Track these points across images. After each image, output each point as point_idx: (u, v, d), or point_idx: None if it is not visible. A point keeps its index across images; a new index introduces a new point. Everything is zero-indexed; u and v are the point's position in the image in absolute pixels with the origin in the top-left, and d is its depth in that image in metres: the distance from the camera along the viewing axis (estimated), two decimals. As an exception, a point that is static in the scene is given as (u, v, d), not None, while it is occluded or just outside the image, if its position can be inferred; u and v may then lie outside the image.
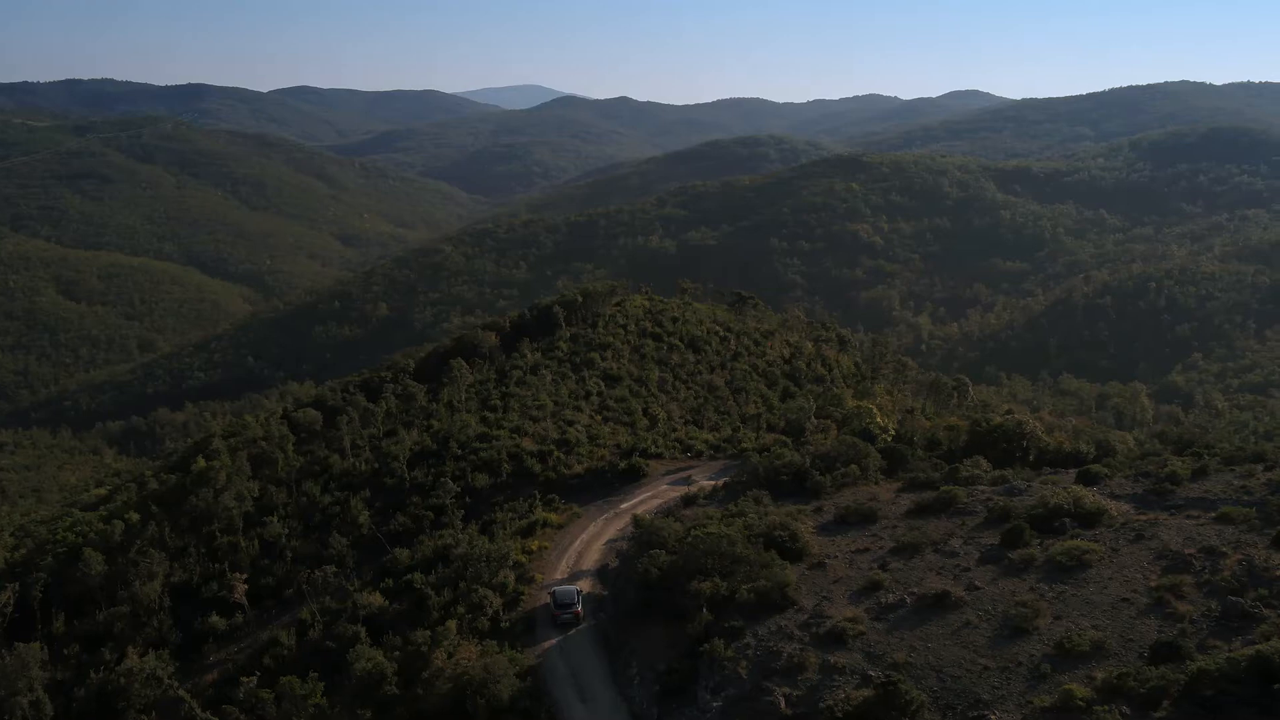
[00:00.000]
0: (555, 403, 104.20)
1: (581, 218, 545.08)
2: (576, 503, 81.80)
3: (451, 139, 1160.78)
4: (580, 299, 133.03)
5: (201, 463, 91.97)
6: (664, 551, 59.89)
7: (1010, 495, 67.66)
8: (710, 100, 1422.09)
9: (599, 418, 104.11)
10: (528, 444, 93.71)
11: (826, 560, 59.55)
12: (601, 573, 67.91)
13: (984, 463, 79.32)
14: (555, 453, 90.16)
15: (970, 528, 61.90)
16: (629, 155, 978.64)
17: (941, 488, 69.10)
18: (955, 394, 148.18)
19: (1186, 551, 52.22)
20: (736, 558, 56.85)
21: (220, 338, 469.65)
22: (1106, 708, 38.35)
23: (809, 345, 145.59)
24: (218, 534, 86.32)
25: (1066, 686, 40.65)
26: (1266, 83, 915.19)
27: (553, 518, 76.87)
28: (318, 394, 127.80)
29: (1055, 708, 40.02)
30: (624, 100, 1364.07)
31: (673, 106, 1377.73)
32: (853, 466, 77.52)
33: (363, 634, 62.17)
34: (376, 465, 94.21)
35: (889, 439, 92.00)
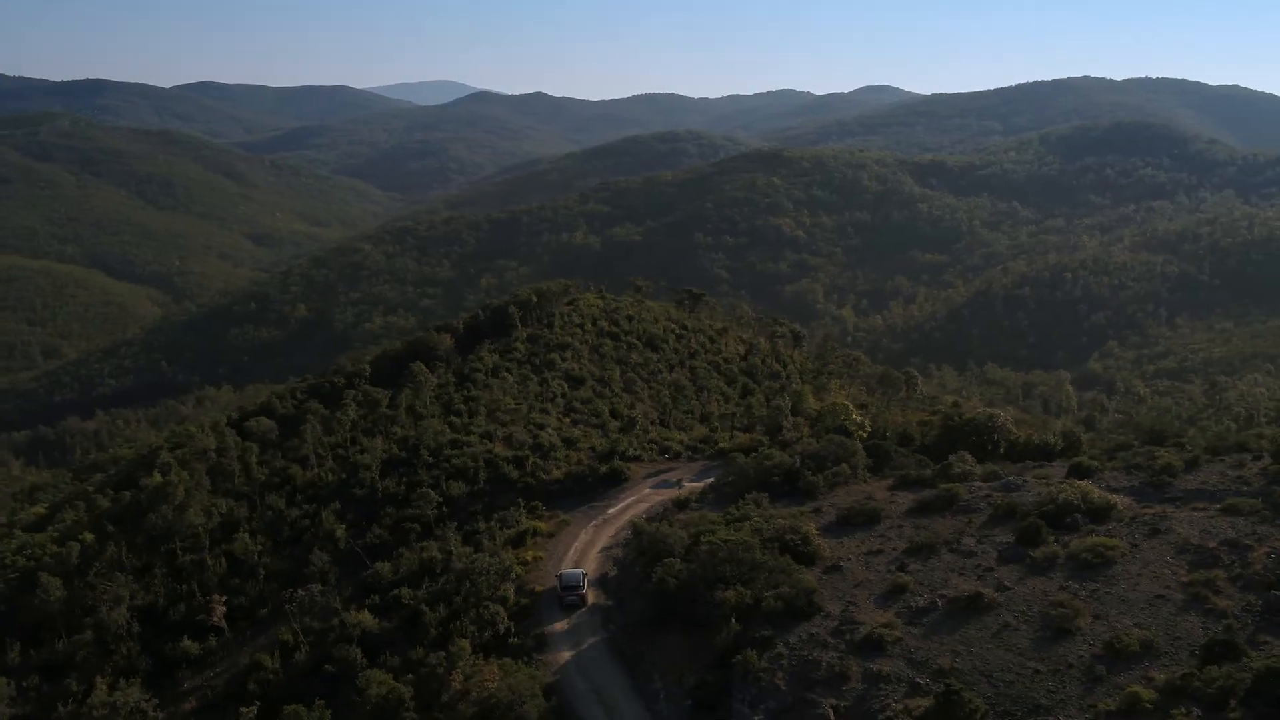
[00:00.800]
0: (521, 406, 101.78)
1: (504, 215, 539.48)
2: (561, 509, 79.77)
3: (364, 136, 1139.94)
4: (535, 299, 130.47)
5: (158, 478, 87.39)
6: (678, 560, 58.33)
7: (1009, 491, 67.63)
8: (626, 96, 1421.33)
9: (567, 420, 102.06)
10: (500, 449, 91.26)
11: (841, 563, 58.59)
12: (603, 582, 66.00)
13: (969, 458, 79.19)
14: (531, 458, 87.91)
15: (978, 525, 61.56)
16: (546, 151, 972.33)
17: (941, 485, 68.80)
18: (905, 387, 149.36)
19: (1209, 545, 52.50)
20: (755, 564, 55.55)
21: (130, 342, 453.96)
22: (1182, 710, 37.93)
23: (763, 341, 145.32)
24: (179, 552, 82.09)
25: (1130, 689, 40.21)
26: (1163, 78, 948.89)
27: (541, 526, 74.73)
28: (265, 401, 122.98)
29: (1121, 711, 39.55)
30: (539, 96, 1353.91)
31: (588, 102, 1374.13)
32: (843, 465, 76.90)
33: (359, 656, 59.32)
34: (344, 475, 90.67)
35: (865, 435, 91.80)
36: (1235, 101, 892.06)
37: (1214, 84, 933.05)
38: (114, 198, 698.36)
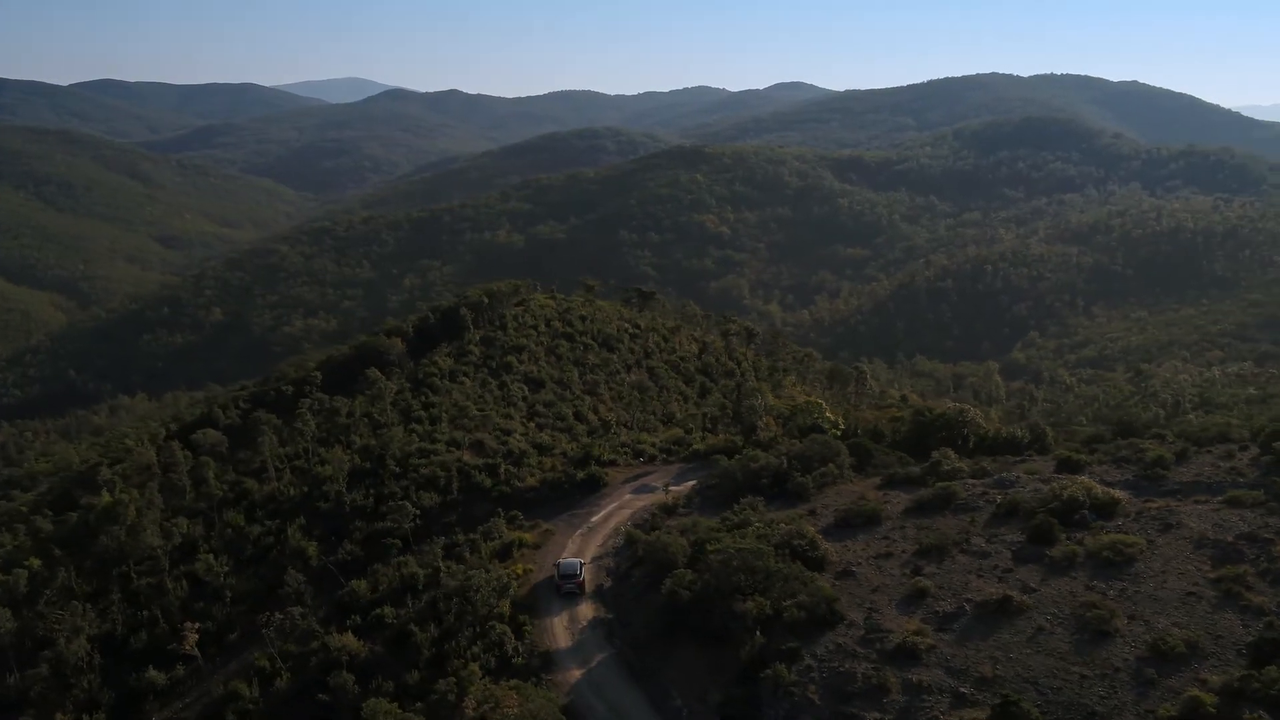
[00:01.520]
0: (489, 411, 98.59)
1: (424, 214, 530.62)
2: (541, 518, 76.94)
3: (274, 134, 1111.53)
4: (485, 299, 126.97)
5: (106, 497, 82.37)
6: (688, 570, 56.35)
7: (1004, 488, 67.10)
8: (542, 93, 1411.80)
9: (532, 424, 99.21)
10: (469, 457, 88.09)
11: (853, 568, 57.24)
12: (600, 594, 63.55)
13: (952, 454, 78.68)
14: (504, 465, 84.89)
15: (983, 524, 60.75)
16: (464, 149, 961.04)
17: (936, 484, 67.92)
18: (855, 383, 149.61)
19: (1228, 539, 52.35)
20: (770, 573, 53.87)
21: (35, 350, 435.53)
22: (1250, 714, 37.21)
23: (715, 339, 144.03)
24: (134, 576, 77.34)
25: (1189, 693, 39.45)
26: (1067, 74, 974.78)
27: (526, 537, 71.88)
28: (207, 412, 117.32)
29: (1183, 717, 38.70)
30: (454, 93, 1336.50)
31: (504, 99, 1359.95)
32: (830, 465, 75.70)
33: (352, 683, 56.11)
34: (306, 489, 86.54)
35: (839, 434, 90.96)
36: (1135, 97, 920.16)
37: (1115, 80, 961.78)
38: (11, 200, 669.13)
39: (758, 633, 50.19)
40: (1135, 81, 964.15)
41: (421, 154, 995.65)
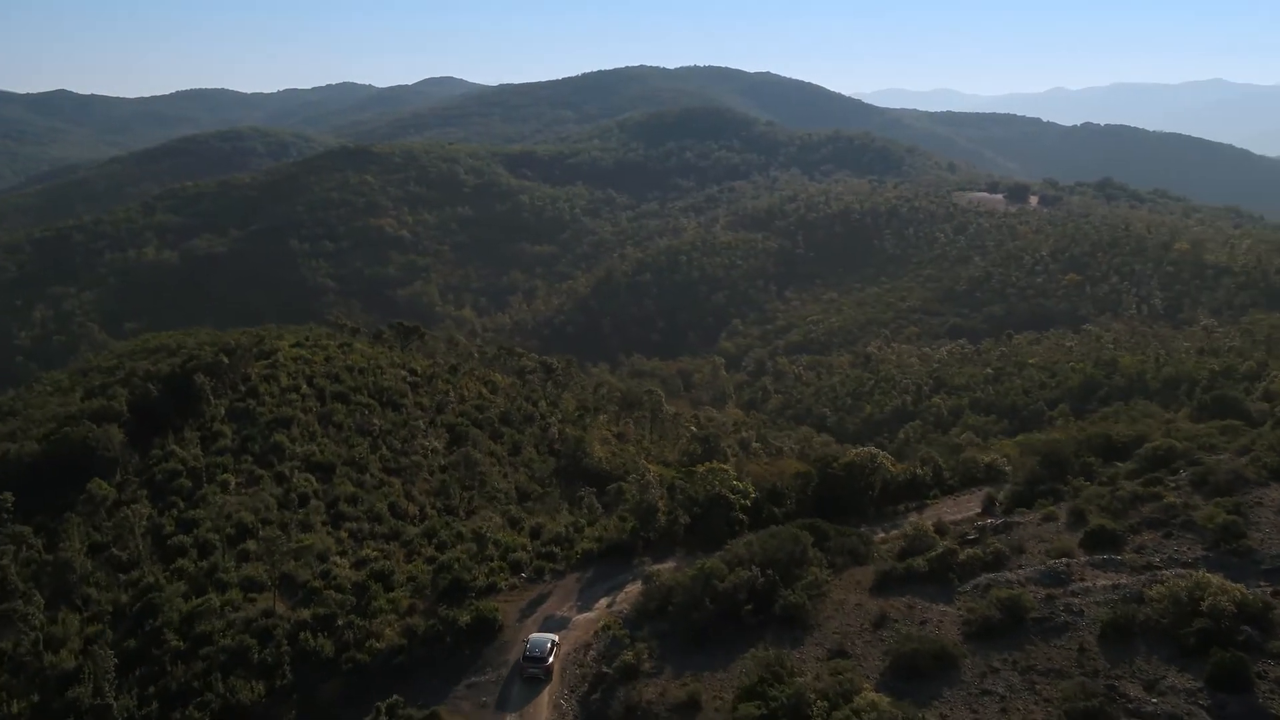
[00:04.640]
0: (301, 542, 71.15)
1: (49, 233, 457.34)
2: (432, 701, 53.12)
3: None
4: (224, 358, 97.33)
5: None
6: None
7: (1059, 585, 52.64)
8: (169, 91, 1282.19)
9: (345, 534, 73.67)
10: (284, 608, 62.03)
11: (996, 764, 39.94)
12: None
13: (928, 527, 63.64)
14: (344, 616, 59.73)
15: (1099, 655, 45.50)
16: (83, 156, 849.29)
17: (996, 592, 51.95)
18: (649, 409, 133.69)
19: None
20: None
21: None
22: None
23: (502, 377, 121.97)
24: None
25: None
26: (710, 66, 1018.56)
27: (438, 749, 48.32)
28: None
29: None
30: (62, 93, 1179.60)
31: (125, 100, 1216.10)
32: (813, 569, 58.04)
33: None
34: (35, 696, 56.78)
35: (746, 504, 73.79)
36: (770, 87, 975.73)
37: (751, 71, 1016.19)
38: None
39: None
40: (769, 73, 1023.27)
41: (30, 163, 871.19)
